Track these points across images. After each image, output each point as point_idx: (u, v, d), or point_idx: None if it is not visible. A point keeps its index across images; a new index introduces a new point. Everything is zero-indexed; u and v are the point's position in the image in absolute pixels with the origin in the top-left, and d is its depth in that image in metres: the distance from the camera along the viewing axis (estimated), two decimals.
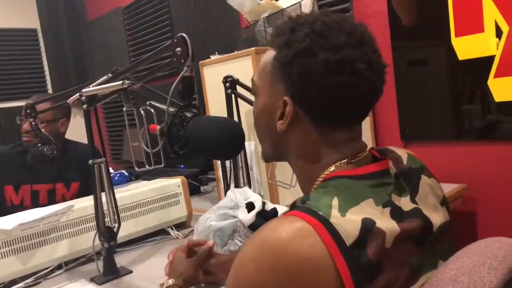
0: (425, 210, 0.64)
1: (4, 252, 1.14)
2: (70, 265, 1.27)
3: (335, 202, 0.57)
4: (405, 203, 0.64)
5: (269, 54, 0.69)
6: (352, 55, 0.61)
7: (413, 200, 0.65)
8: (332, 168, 0.65)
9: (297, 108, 0.65)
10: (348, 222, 0.55)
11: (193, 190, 2.03)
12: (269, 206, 1.21)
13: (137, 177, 2.65)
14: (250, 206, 1.19)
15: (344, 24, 0.64)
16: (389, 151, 0.72)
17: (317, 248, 0.53)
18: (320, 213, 0.56)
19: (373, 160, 0.69)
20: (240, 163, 1.51)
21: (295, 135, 0.68)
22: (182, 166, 2.52)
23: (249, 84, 1.43)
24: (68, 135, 1.97)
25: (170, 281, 0.90)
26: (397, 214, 0.60)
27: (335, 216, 0.55)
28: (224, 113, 1.44)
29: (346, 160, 0.65)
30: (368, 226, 0.55)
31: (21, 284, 1.17)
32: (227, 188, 1.53)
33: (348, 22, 0.65)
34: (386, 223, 0.57)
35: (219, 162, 1.67)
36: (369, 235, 0.55)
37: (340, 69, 0.61)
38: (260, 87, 0.72)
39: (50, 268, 1.23)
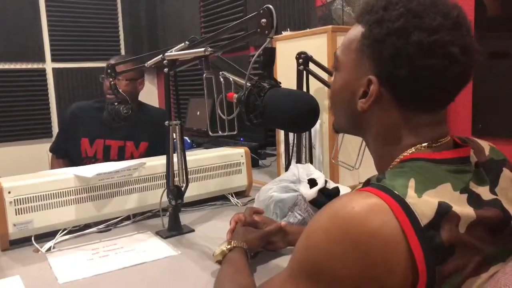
0: (504, 203, 0.63)
1: (82, 197, 1.25)
2: (137, 217, 1.37)
3: (411, 183, 0.57)
4: (484, 192, 0.62)
5: (356, 30, 0.67)
6: (446, 38, 0.59)
7: (492, 191, 0.64)
8: (412, 150, 0.64)
9: (382, 88, 0.64)
10: (424, 203, 0.55)
11: (252, 163, 2.07)
12: (331, 184, 1.22)
13: (199, 145, 2.74)
14: (312, 182, 1.20)
15: (439, 5, 0.62)
16: (471, 140, 0.71)
17: (390, 225, 0.53)
18: (395, 192, 0.56)
19: (454, 147, 0.67)
20: (303, 141, 1.53)
21: (375, 115, 0.67)
22: (241, 139, 2.57)
23: (323, 62, 1.45)
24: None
25: (235, 242, 0.93)
26: (474, 201, 0.59)
27: (411, 196, 0.55)
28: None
29: (426, 144, 0.64)
30: (444, 209, 0.55)
31: (94, 229, 1.28)
32: (288, 163, 1.55)
33: (444, 2, 0.63)
34: (462, 208, 0.56)
35: (282, 137, 1.69)
36: (444, 218, 0.55)
37: (433, 51, 0.59)
38: (343, 63, 0.71)
39: (120, 218, 1.33)
